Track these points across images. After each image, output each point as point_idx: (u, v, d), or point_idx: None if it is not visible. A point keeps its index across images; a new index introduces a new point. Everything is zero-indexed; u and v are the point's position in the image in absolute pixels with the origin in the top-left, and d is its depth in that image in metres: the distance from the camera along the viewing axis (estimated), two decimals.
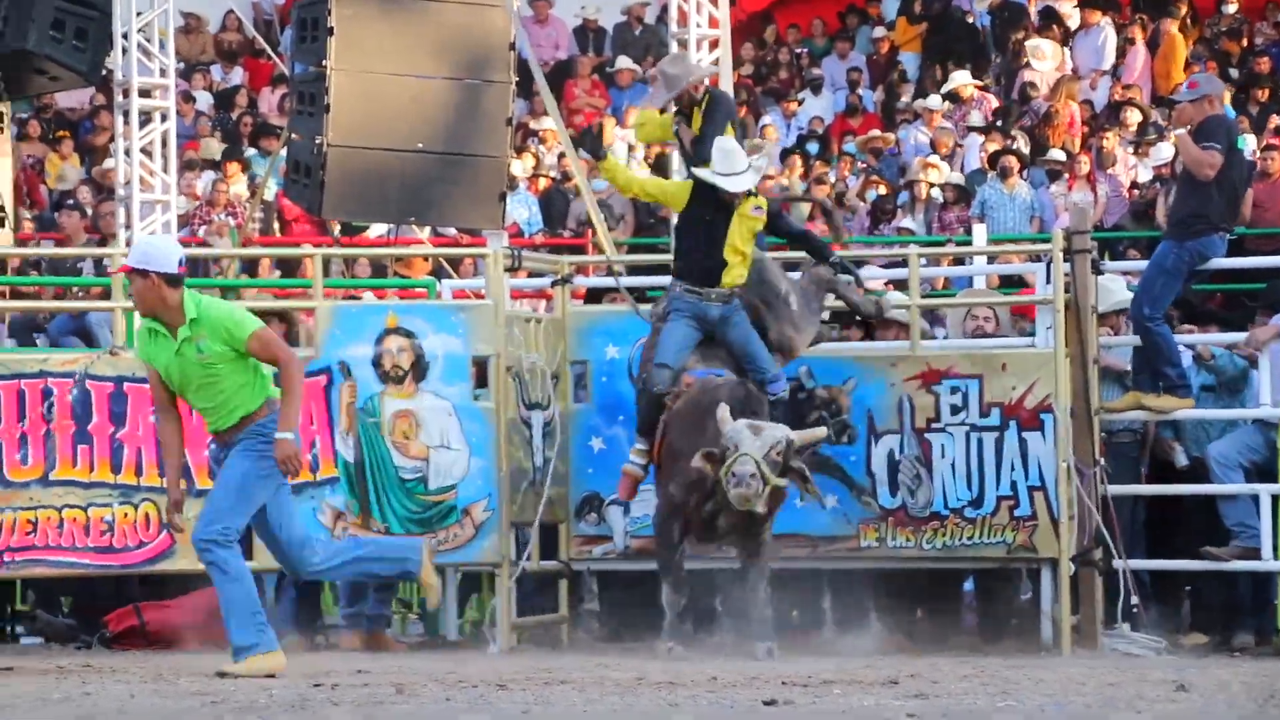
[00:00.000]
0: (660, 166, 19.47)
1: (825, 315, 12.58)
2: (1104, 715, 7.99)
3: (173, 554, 11.99)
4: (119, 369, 12.10)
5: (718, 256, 11.87)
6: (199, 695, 8.93)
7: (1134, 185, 19.75)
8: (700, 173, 11.95)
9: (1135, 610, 12.07)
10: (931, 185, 20.39)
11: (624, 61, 23.14)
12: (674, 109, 12.78)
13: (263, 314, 11.03)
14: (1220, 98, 13.33)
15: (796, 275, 12.43)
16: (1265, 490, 12.02)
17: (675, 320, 11.94)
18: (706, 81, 13.08)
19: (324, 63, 15.21)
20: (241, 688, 9.32)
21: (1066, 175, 19.99)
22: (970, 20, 23.63)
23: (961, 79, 22.16)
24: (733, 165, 11.82)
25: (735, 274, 11.93)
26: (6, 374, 12.09)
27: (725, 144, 12.03)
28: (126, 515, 12.05)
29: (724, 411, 11.25)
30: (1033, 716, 7.99)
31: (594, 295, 14.26)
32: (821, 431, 11.69)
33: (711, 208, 11.86)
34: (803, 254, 12.60)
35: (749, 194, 11.89)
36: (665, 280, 14.83)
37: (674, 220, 16.04)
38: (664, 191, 12.74)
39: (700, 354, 11.99)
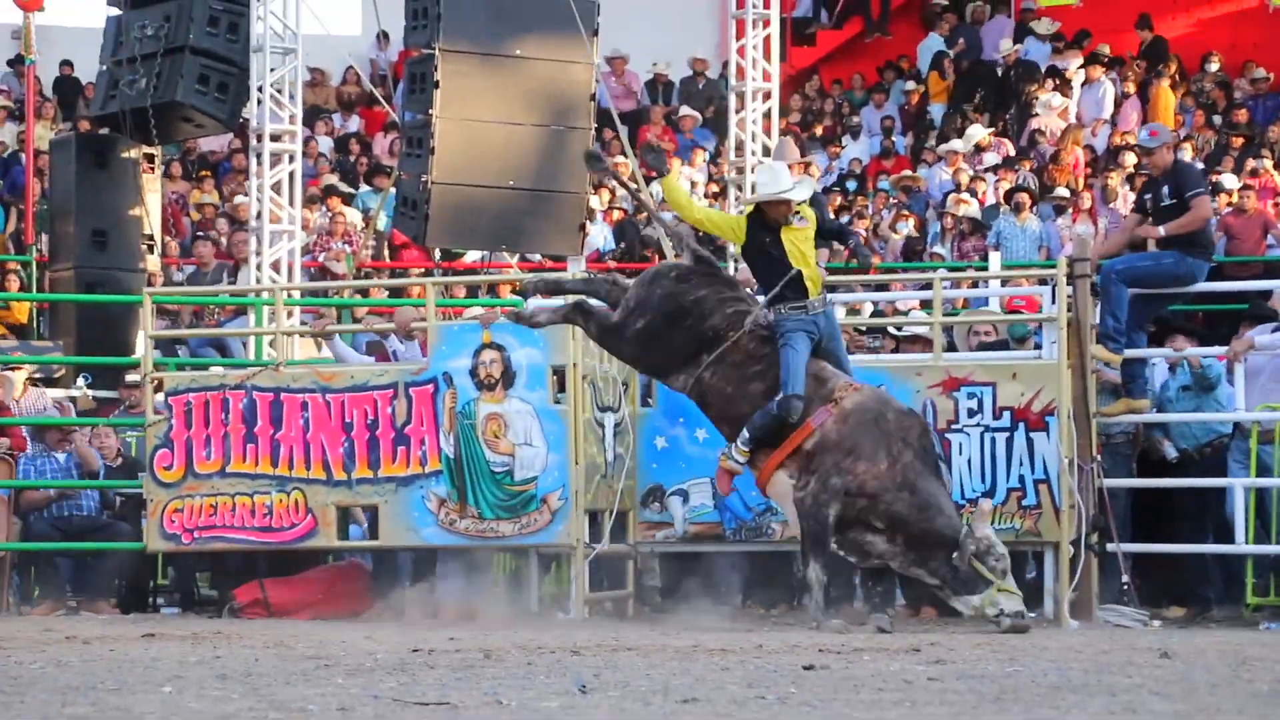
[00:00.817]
0: None
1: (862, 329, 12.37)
2: (1098, 678, 7.92)
3: (315, 534, 12.63)
4: (278, 381, 12.78)
5: (798, 274, 11.38)
6: (314, 659, 8.96)
7: None
8: (756, 197, 11.61)
9: (1126, 588, 11.99)
10: (956, 218, 20.30)
11: (686, 110, 23.14)
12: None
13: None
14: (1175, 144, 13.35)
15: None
16: (1240, 484, 11.95)
17: (793, 342, 11.28)
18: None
19: (430, 111, 15.29)
20: (350, 652, 9.35)
21: (1071, 210, 19.89)
22: (997, 72, 23.54)
23: (976, 131, 22.08)
24: (780, 183, 11.42)
25: (816, 282, 11.39)
26: (197, 387, 12.92)
27: (774, 166, 11.84)
28: (281, 501, 12.64)
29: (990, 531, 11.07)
30: (1036, 679, 7.93)
31: None
32: (987, 506, 11.54)
33: (770, 232, 11.38)
34: None
35: (795, 211, 11.42)
36: None
37: (732, 249, 16.09)
38: (723, 223, 12.03)
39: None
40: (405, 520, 12.45)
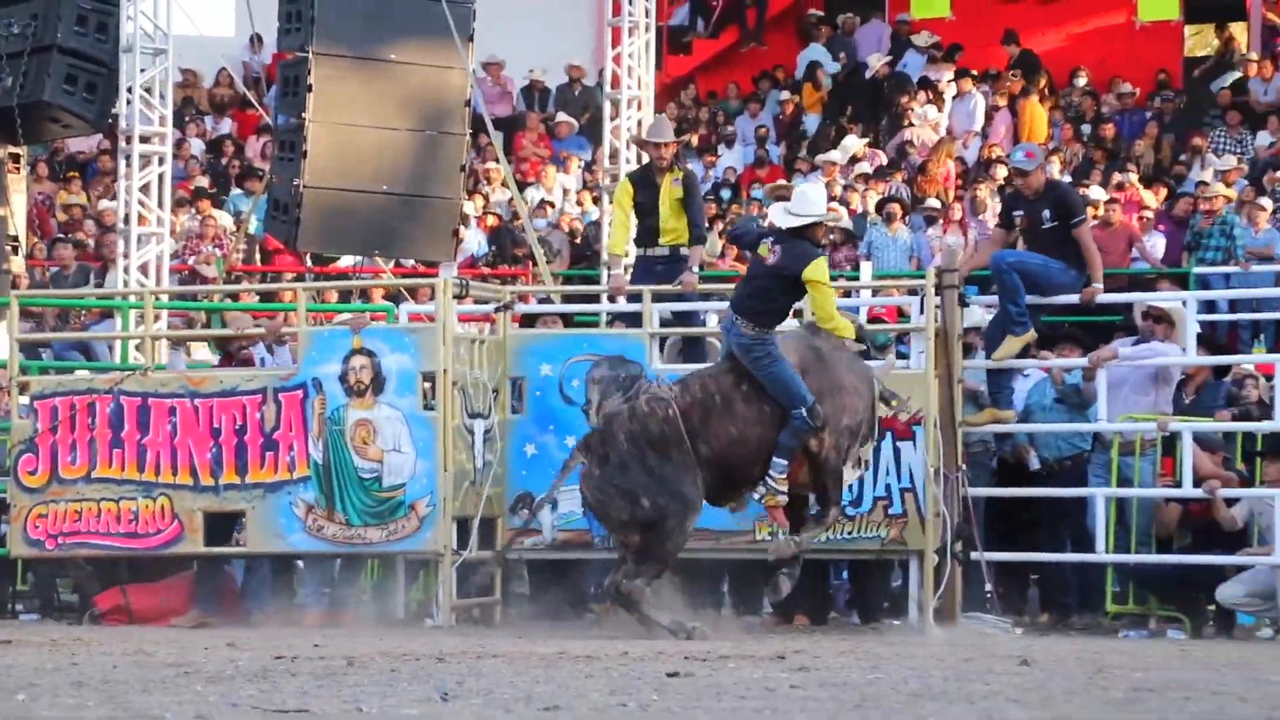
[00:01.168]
0: None
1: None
2: (958, 685, 7.99)
3: (181, 540, 12.53)
4: (145, 386, 12.67)
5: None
6: (174, 666, 8.88)
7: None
8: (797, 222, 11.34)
9: (989, 595, 12.11)
10: (828, 228, 20.39)
11: (563, 116, 23.15)
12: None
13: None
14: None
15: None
16: (1101, 494, 12.11)
17: (770, 363, 11.25)
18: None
19: (303, 115, 15.19)
20: (211, 659, 9.27)
21: (941, 221, 20.08)
22: (870, 84, 23.73)
23: (852, 141, 22.25)
24: (806, 209, 11.34)
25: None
26: (63, 391, 12.81)
27: (809, 190, 11.85)
28: (147, 507, 12.53)
29: None
30: (897, 686, 7.99)
31: (528, 320, 14.25)
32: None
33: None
34: None
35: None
36: (597, 308, 14.95)
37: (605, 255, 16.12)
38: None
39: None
40: (272, 526, 12.36)
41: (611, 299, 14.11)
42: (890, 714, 6.94)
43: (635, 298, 12.96)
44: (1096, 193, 19.96)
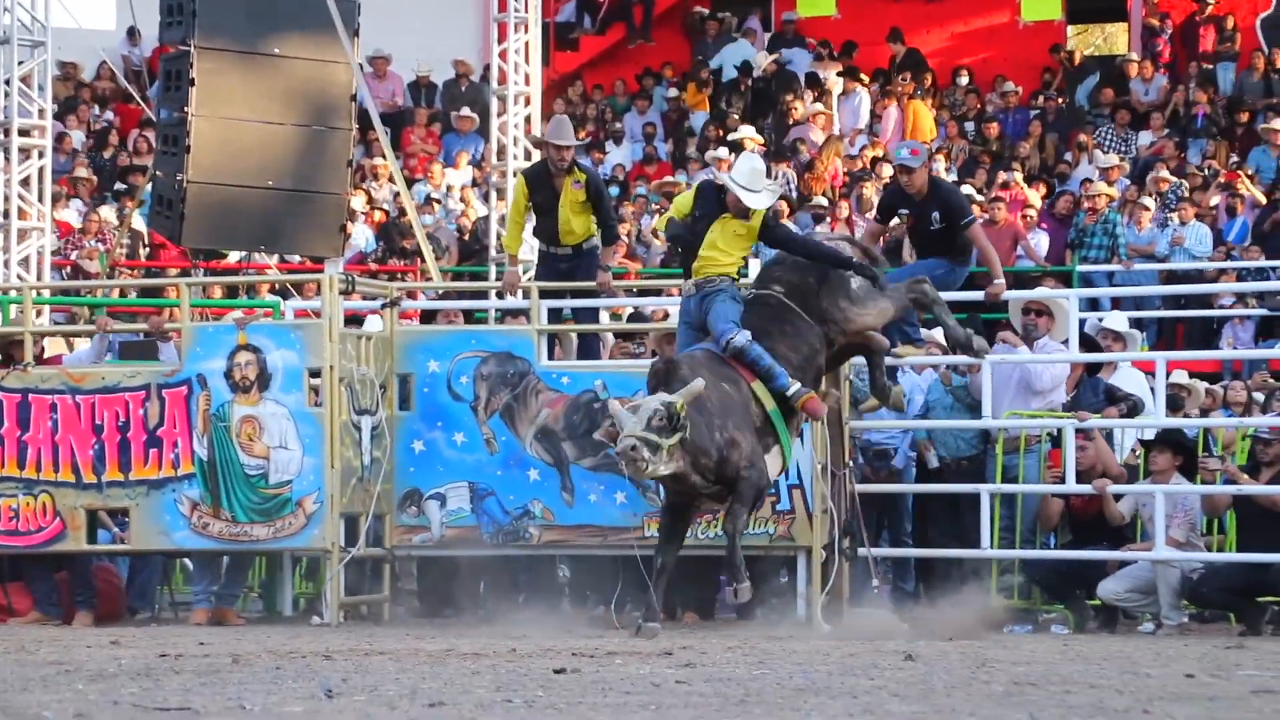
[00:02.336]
0: None
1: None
2: (841, 680, 8.06)
3: (63, 537, 12.35)
4: (26, 382, 12.47)
5: (693, 259, 11.45)
6: (55, 664, 8.81)
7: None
8: (724, 178, 11.45)
9: (876, 591, 12.21)
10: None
11: (466, 111, 23.07)
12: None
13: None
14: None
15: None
16: (986, 490, 12.24)
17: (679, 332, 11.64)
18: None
19: (186, 109, 15.07)
20: (94, 657, 9.21)
21: (829, 219, 20.22)
22: (755, 81, 23.86)
23: (746, 131, 22.35)
24: (753, 183, 11.34)
25: (712, 269, 11.45)
26: None
27: (753, 162, 11.69)
28: (28, 504, 12.36)
29: (614, 404, 11.00)
30: (782, 681, 8.05)
31: (427, 316, 14.24)
32: (699, 385, 10.96)
33: (701, 216, 11.40)
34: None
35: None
36: (485, 304, 14.96)
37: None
38: (681, 212, 11.79)
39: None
40: (157, 523, 12.27)
41: (500, 295, 14.13)
42: (773, 709, 6.99)
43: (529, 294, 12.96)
44: (968, 190, 20.21)
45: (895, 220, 13.21)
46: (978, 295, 13.04)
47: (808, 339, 11.45)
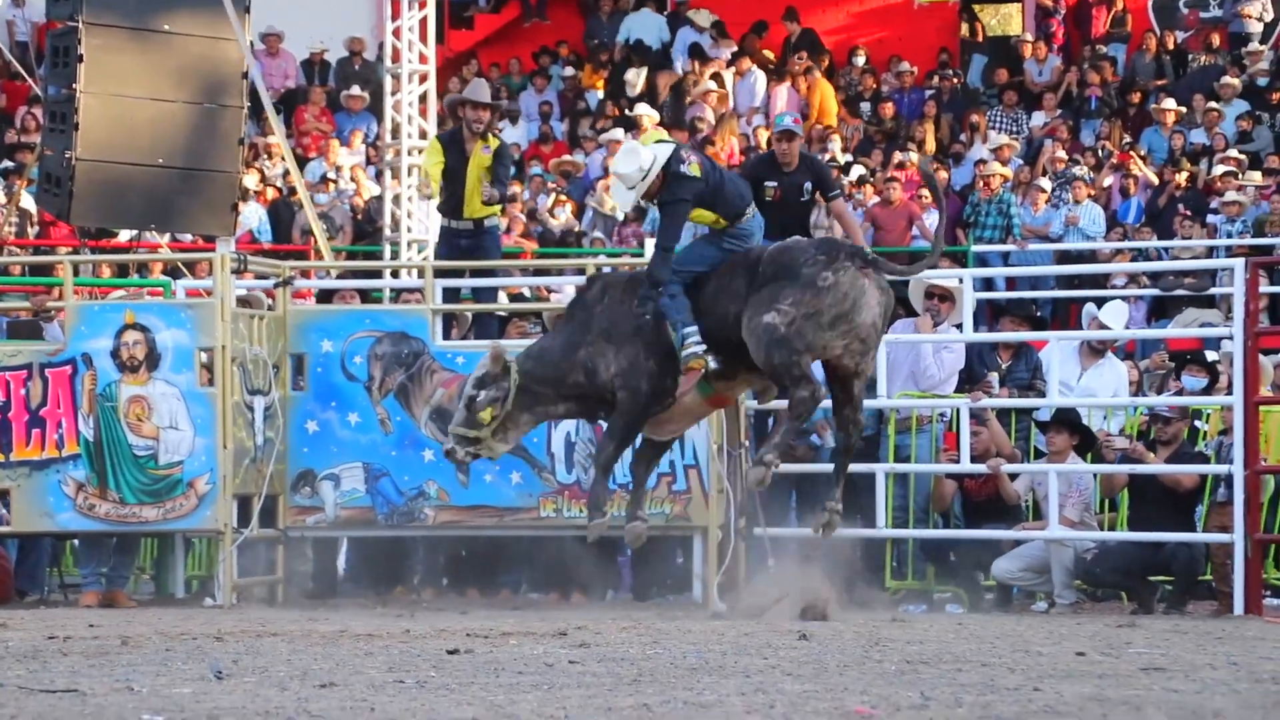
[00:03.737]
0: None
1: None
2: (735, 660, 8.10)
3: None
4: None
5: None
6: None
7: None
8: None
9: (772, 571, 12.24)
10: (614, 207, 20.55)
11: (355, 89, 22.92)
12: None
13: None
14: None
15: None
16: (881, 469, 12.32)
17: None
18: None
19: (74, 85, 14.88)
20: None
21: None
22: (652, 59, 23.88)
23: (645, 109, 22.37)
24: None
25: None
26: None
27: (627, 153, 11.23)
28: None
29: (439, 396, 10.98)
30: (676, 661, 8.07)
31: (325, 296, 14.19)
32: (493, 352, 11.05)
33: None
34: None
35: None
36: (379, 284, 14.91)
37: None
38: None
39: None
40: (40, 505, 12.14)
41: (395, 274, 14.05)
42: (666, 688, 7.02)
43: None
44: (861, 170, 20.38)
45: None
46: None
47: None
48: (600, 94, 23.75)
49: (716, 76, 22.95)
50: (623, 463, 11.46)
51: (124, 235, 18.92)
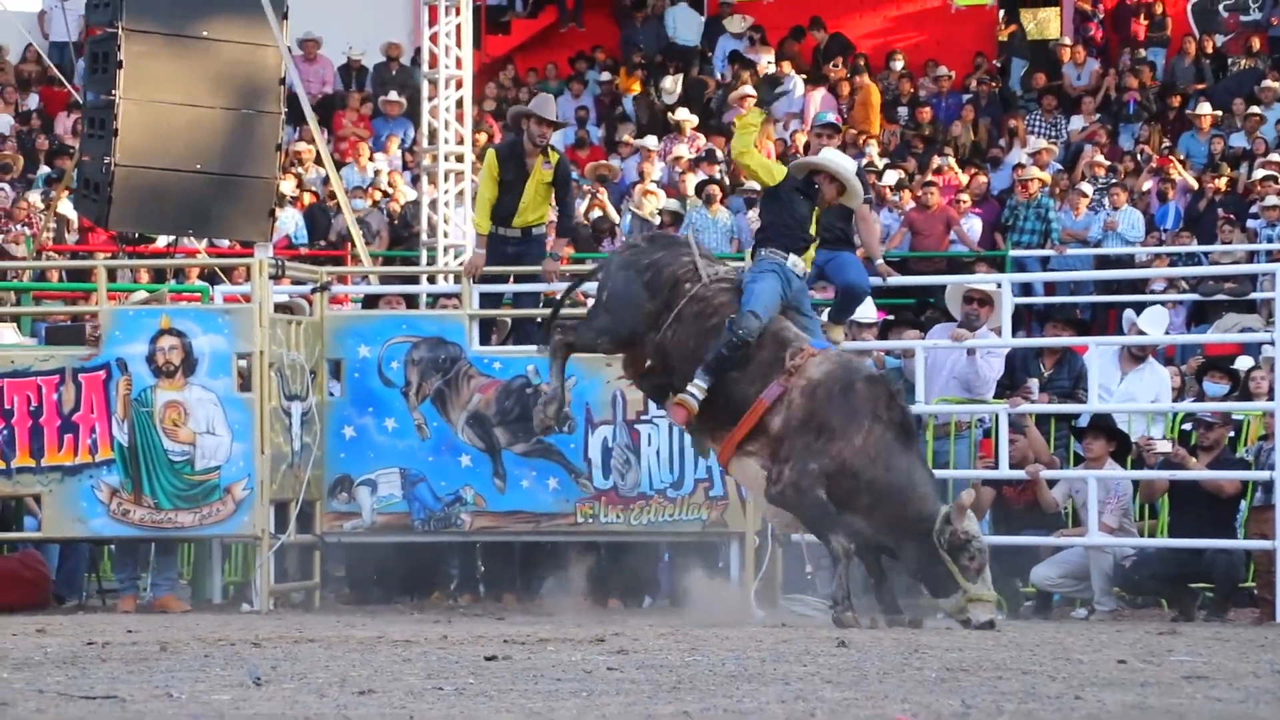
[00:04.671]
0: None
1: None
2: (774, 667, 8.06)
3: None
4: None
5: (807, 240, 11.18)
6: None
7: None
8: (823, 164, 11.26)
9: (810, 577, 12.22)
10: (653, 211, 20.55)
11: (393, 95, 22.94)
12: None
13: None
14: None
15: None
16: None
17: (766, 275, 10.93)
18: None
19: (113, 92, 14.92)
20: (19, 645, 9.12)
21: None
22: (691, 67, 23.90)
23: (684, 114, 22.39)
24: (847, 166, 11.32)
25: (809, 255, 11.28)
26: None
27: (848, 161, 11.64)
28: None
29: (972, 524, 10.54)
30: (714, 668, 8.04)
31: (369, 302, 14.21)
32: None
33: (805, 199, 11.16)
34: None
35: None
36: (416, 289, 14.90)
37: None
38: (768, 171, 11.38)
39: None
40: (73, 510, 12.14)
41: (432, 280, 14.04)
42: (705, 695, 6.99)
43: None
44: (897, 175, 20.33)
45: None
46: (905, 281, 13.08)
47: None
48: (636, 99, 23.75)
49: (754, 80, 22.92)
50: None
51: (162, 241, 18.97)
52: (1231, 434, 12.80)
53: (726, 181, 20.80)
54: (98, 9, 15.20)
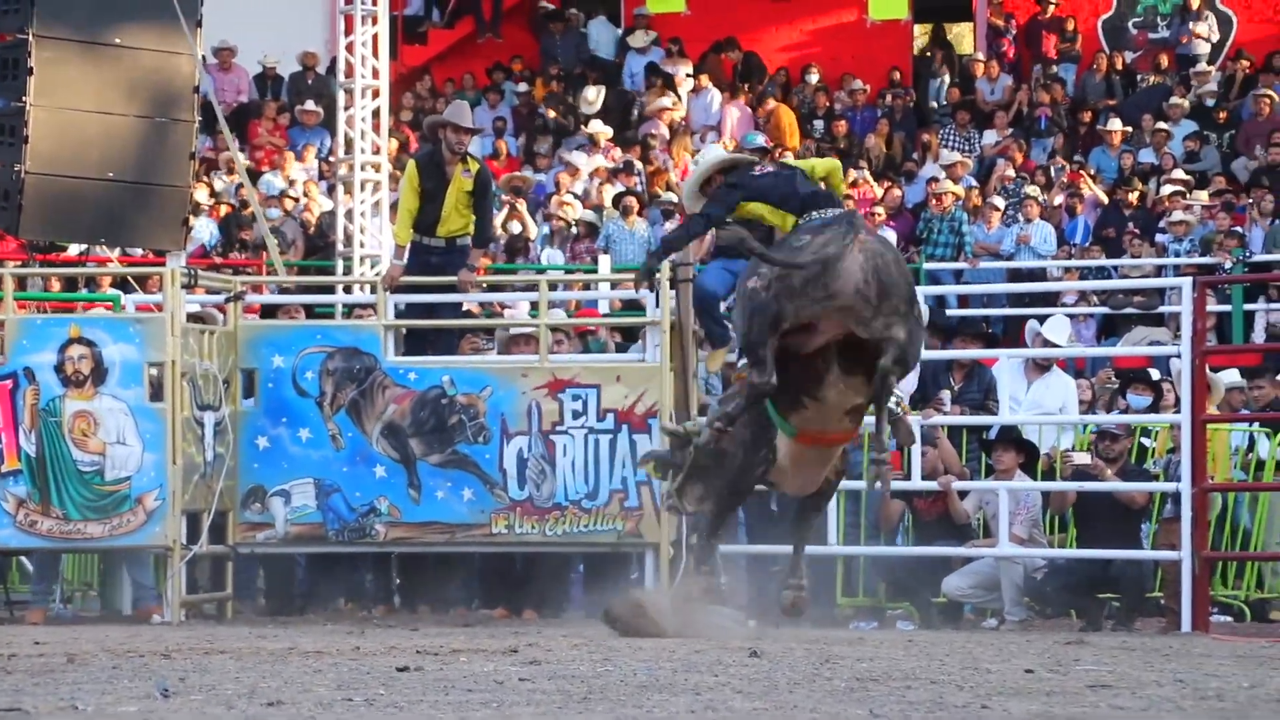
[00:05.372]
0: None
1: None
2: (685, 677, 8.07)
3: None
4: None
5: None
6: None
7: None
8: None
9: (724, 587, 12.22)
10: (568, 221, 20.55)
11: (310, 104, 22.83)
12: None
13: None
14: None
15: None
16: None
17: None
18: None
19: (24, 99, 14.79)
20: None
21: (678, 215, 20.25)
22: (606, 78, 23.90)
23: (598, 125, 22.40)
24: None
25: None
26: None
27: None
28: None
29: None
30: (626, 678, 8.03)
31: (268, 312, 14.13)
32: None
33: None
34: None
35: None
36: (332, 299, 14.82)
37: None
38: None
39: None
40: None
41: (348, 290, 13.98)
42: (616, 706, 6.99)
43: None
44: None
45: None
46: None
47: None
48: (554, 110, 23.73)
49: (671, 94, 22.97)
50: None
51: (74, 249, 18.81)
52: (1146, 445, 12.94)
53: (644, 193, 20.82)
54: (7, 14, 15.05)
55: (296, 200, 21.07)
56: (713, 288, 12.37)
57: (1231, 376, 13.67)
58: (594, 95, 23.58)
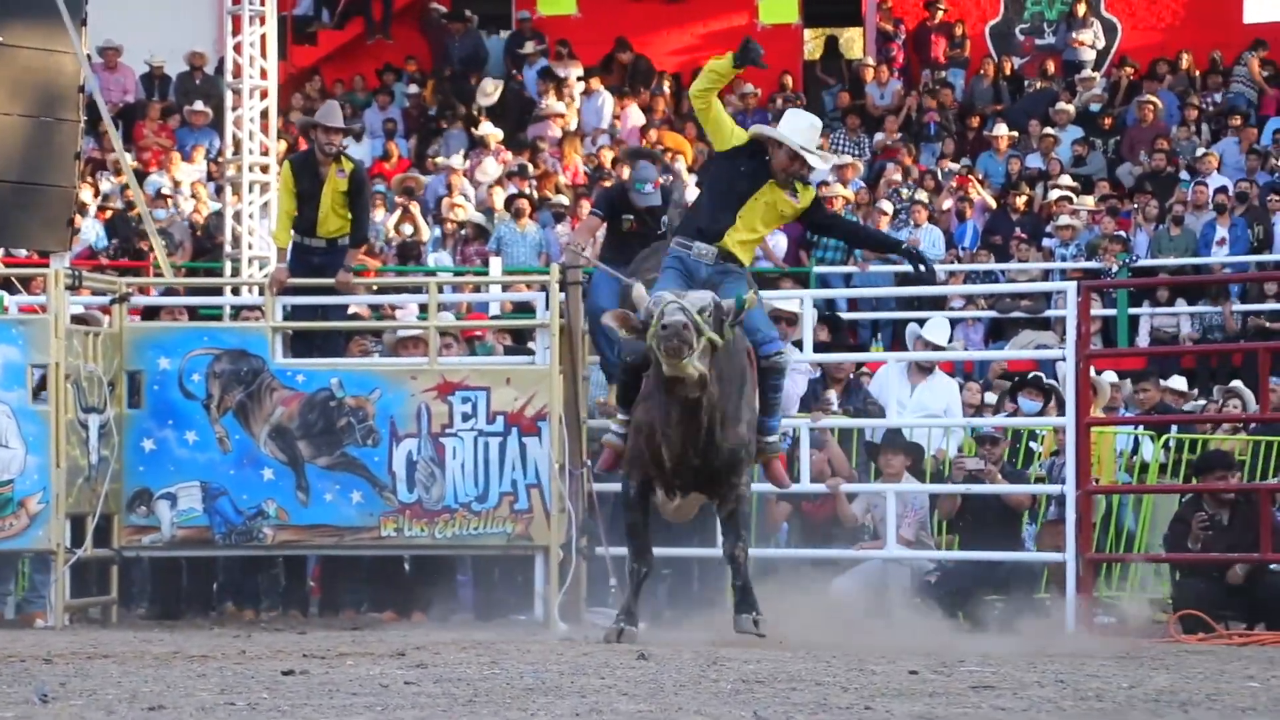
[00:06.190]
0: None
1: None
2: (572, 680, 8.09)
3: None
4: None
5: (726, 220, 10.56)
6: None
7: None
8: (772, 132, 10.56)
9: (614, 591, 12.25)
10: (459, 224, 20.52)
11: (198, 105, 22.66)
12: None
13: None
14: None
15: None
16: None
17: (661, 279, 10.41)
18: None
19: None
20: None
21: (570, 217, 20.29)
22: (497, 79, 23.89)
23: (488, 128, 22.38)
24: (809, 140, 10.46)
25: (737, 244, 10.63)
26: None
27: (811, 119, 10.86)
28: None
29: (639, 289, 9.97)
30: (512, 681, 8.04)
31: (150, 313, 14.00)
32: (753, 297, 10.46)
33: (748, 173, 10.49)
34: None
35: (805, 182, 10.64)
36: (220, 300, 14.73)
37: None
38: (721, 128, 10.78)
39: None
40: None
41: (235, 291, 13.89)
42: (500, 709, 6.99)
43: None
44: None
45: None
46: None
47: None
48: (445, 111, 23.69)
49: (563, 96, 22.99)
50: None
51: None
52: (1034, 449, 13.08)
53: (535, 196, 20.83)
54: None
55: (183, 202, 20.93)
56: (606, 305, 12.32)
57: (1110, 377, 13.86)
58: (492, 87, 23.54)
